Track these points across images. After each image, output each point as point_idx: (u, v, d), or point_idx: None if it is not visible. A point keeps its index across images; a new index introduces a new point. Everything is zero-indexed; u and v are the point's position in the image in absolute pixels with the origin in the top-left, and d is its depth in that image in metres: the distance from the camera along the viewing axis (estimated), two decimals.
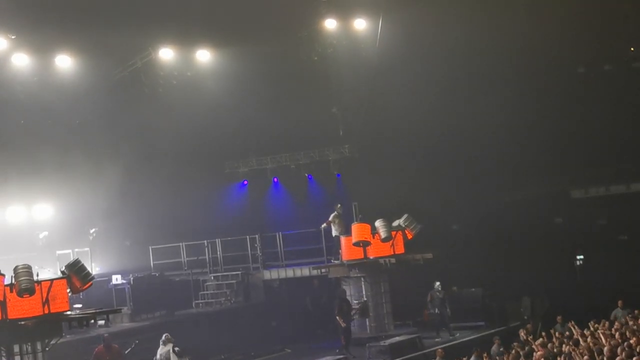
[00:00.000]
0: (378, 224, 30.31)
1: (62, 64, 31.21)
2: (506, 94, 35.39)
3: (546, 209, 37.57)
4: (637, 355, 18.68)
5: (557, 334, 23.12)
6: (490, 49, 34.57)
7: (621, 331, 21.68)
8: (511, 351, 22.47)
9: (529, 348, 22.09)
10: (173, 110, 33.88)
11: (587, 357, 19.32)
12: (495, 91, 35.35)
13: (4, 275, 21.33)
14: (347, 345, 28.83)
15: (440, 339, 29.84)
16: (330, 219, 31.19)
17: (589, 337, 21.61)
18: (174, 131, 34.27)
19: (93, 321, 23.99)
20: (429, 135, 35.97)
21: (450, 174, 36.50)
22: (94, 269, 29.08)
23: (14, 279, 21.26)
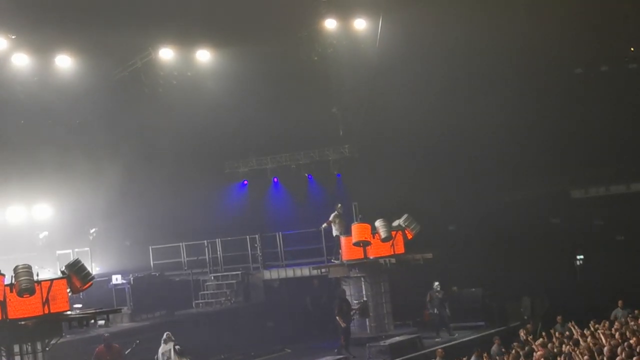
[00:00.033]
0: (378, 224, 30.31)
1: (62, 64, 31.19)
2: (506, 94, 35.37)
3: (546, 209, 37.57)
4: (637, 355, 18.69)
5: (557, 334, 23.13)
6: (490, 49, 34.56)
7: (621, 331, 21.68)
8: (511, 351, 22.46)
9: (529, 348, 22.09)
10: (173, 110, 33.87)
11: (587, 357, 19.32)
12: (495, 91, 35.34)
13: (4, 275, 21.33)
14: (346, 345, 28.83)
15: (440, 339, 29.84)
16: (330, 219, 31.19)
17: (589, 337, 21.61)
18: (174, 131, 34.27)
19: (93, 321, 23.97)
20: (429, 135, 35.96)
21: (450, 174, 36.50)
22: (94, 269, 29.08)
23: (14, 279, 21.26)
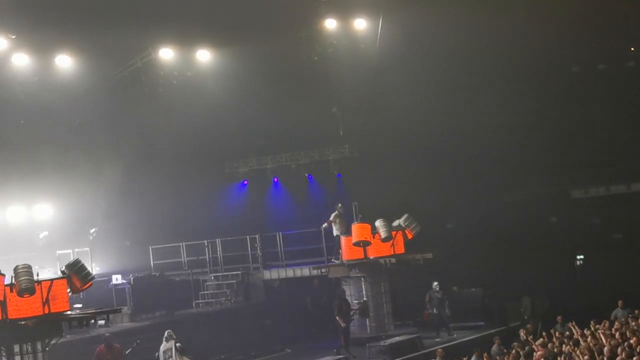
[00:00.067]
0: (378, 224, 30.31)
1: (62, 64, 31.20)
2: (506, 94, 35.37)
3: (546, 209, 37.58)
4: (637, 355, 18.69)
5: (557, 334, 23.14)
6: (490, 49, 34.56)
7: (621, 331, 21.69)
8: (511, 351, 22.47)
9: (529, 348, 22.09)
10: (173, 110, 33.88)
11: (587, 357, 19.33)
12: (495, 91, 35.33)
13: (4, 275, 21.32)
14: (346, 345, 28.82)
15: (440, 339, 29.83)
16: (331, 219, 31.18)
17: (589, 337, 21.61)
18: (174, 131, 34.27)
19: (93, 321, 23.95)
20: (429, 135, 35.96)
21: (450, 174, 36.50)
22: (94, 268, 29.09)
23: (14, 278, 21.25)
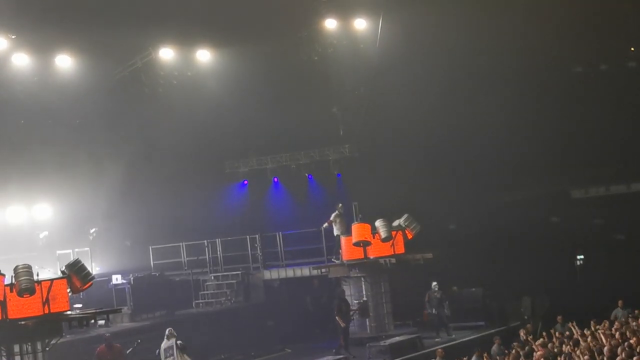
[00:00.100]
0: (378, 223, 30.31)
1: (62, 63, 31.21)
2: (506, 94, 35.35)
3: (546, 209, 37.53)
4: (638, 355, 18.68)
5: (557, 334, 23.14)
6: (490, 49, 34.57)
7: (621, 331, 21.69)
8: (511, 351, 22.47)
9: (529, 348, 22.10)
10: (173, 110, 33.88)
11: (588, 357, 19.33)
12: (495, 91, 35.32)
13: (4, 275, 21.33)
14: (346, 345, 28.82)
15: (440, 339, 29.83)
16: (331, 219, 31.19)
17: (589, 337, 21.61)
18: (174, 131, 34.26)
19: (93, 321, 23.98)
20: (429, 135, 35.94)
21: (450, 174, 36.47)
22: (94, 268, 29.07)
23: (14, 278, 21.26)
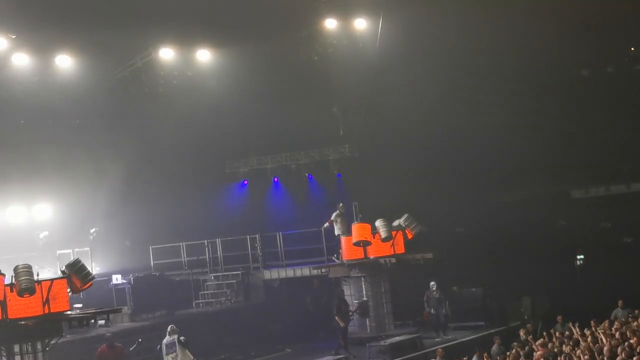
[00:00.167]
0: (378, 223, 30.31)
1: (63, 63, 31.20)
2: (506, 94, 35.39)
3: (546, 209, 37.54)
4: (638, 355, 18.69)
5: (557, 334, 23.14)
6: (490, 49, 34.58)
7: (621, 331, 21.69)
8: (511, 351, 22.47)
9: (529, 348, 22.11)
10: (173, 110, 33.87)
11: (588, 357, 19.34)
12: (495, 91, 35.35)
13: (4, 275, 21.31)
14: (345, 345, 28.81)
15: (440, 339, 29.83)
16: (332, 218, 31.18)
17: (589, 337, 21.61)
18: (174, 131, 34.27)
19: (93, 321, 23.96)
20: (429, 135, 35.96)
21: (451, 174, 36.49)
22: (94, 268, 29.07)
23: (14, 278, 21.24)
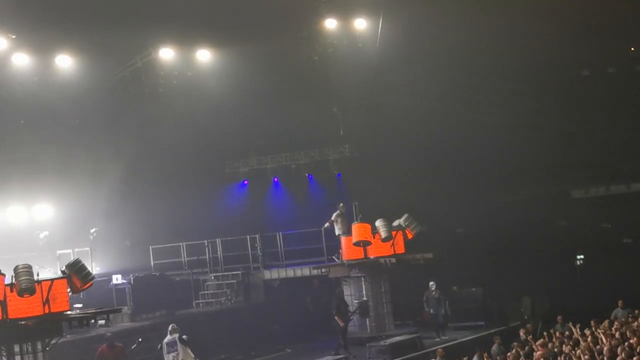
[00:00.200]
0: (378, 223, 30.31)
1: (63, 63, 31.22)
2: (506, 94, 35.38)
3: (546, 209, 37.53)
4: (638, 355, 18.69)
5: (557, 334, 23.14)
6: (490, 49, 34.58)
7: (621, 331, 21.69)
8: (511, 351, 22.47)
9: (529, 348, 22.11)
10: (173, 110, 33.88)
11: (588, 357, 19.34)
12: (495, 91, 35.34)
13: (4, 275, 21.32)
14: (345, 345, 28.82)
15: (440, 339, 29.83)
16: (332, 218, 31.20)
17: (589, 337, 21.61)
18: (174, 131, 34.26)
19: (93, 321, 24.03)
20: (429, 135, 35.95)
21: (451, 174, 36.48)
22: (95, 268, 29.06)
23: (14, 278, 21.26)
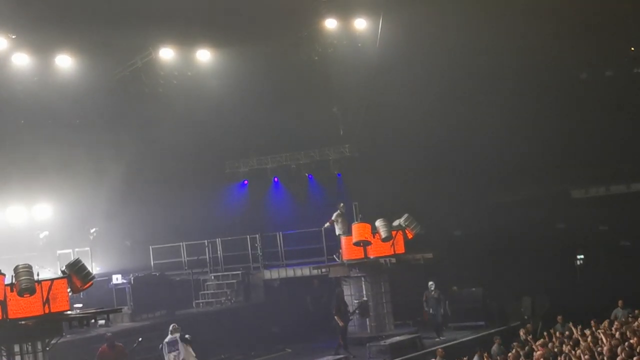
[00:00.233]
0: (378, 223, 30.32)
1: (63, 63, 31.23)
2: (506, 94, 35.37)
3: (546, 209, 37.53)
4: (638, 355, 18.69)
5: (557, 334, 23.14)
6: (490, 49, 34.58)
7: (621, 331, 21.69)
8: (511, 351, 22.47)
9: (529, 348, 22.11)
10: (173, 111, 33.89)
11: (588, 357, 19.34)
12: (495, 91, 35.34)
13: (4, 275, 21.31)
14: (345, 344, 28.82)
15: (439, 339, 29.82)
16: (333, 218, 31.22)
17: (589, 337, 21.61)
18: (174, 131, 34.27)
19: (93, 321, 24.00)
20: (429, 135, 35.94)
21: (450, 174, 36.46)
22: (95, 268, 29.09)
23: (14, 278, 21.25)
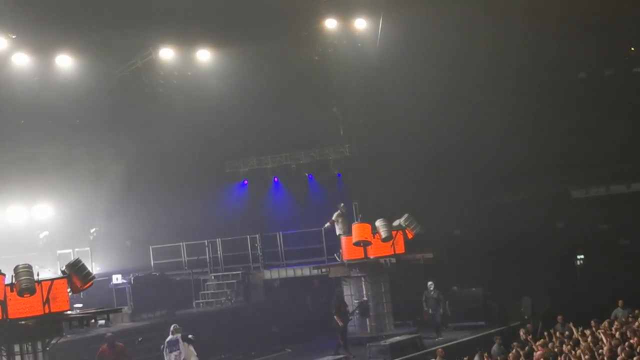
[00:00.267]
0: (378, 223, 30.33)
1: (63, 63, 31.21)
2: (506, 94, 35.38)
3: (546, 209, 37.54)
4: (638, 355, 18.69)
5: (557, 334, 23.14)
6: (490, 49, 34.59)
7: (621, 331, 21.70)
8: (512, 351, 22.47)
9: (529, 348, 22.11)
10: (173, 110, 33.88)
11: (588, 357, 19.35)
12: (495, 91, 35.34)
13: (4, 275, 21.33)
14: (344, 344, 28.83)
15: (439, 339, 29.81)
16: (333, 218, 31.24)
17: (589, 337, 21.62)
18: (174, 131, 34.26)
19: (93, 321, 24.01)
20: (429, 135, 35.95)
21: (451, 174, 36.47)
22: (95, 268, 29.08)
23: (14, 278, 21.27)
